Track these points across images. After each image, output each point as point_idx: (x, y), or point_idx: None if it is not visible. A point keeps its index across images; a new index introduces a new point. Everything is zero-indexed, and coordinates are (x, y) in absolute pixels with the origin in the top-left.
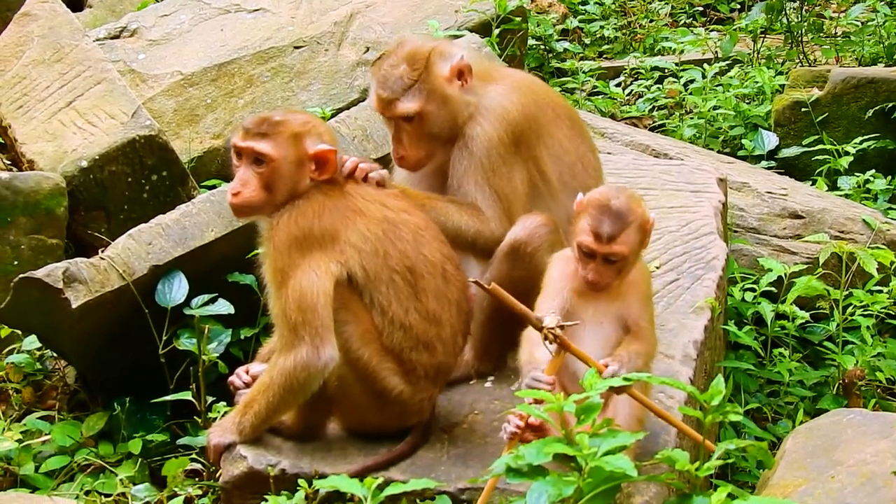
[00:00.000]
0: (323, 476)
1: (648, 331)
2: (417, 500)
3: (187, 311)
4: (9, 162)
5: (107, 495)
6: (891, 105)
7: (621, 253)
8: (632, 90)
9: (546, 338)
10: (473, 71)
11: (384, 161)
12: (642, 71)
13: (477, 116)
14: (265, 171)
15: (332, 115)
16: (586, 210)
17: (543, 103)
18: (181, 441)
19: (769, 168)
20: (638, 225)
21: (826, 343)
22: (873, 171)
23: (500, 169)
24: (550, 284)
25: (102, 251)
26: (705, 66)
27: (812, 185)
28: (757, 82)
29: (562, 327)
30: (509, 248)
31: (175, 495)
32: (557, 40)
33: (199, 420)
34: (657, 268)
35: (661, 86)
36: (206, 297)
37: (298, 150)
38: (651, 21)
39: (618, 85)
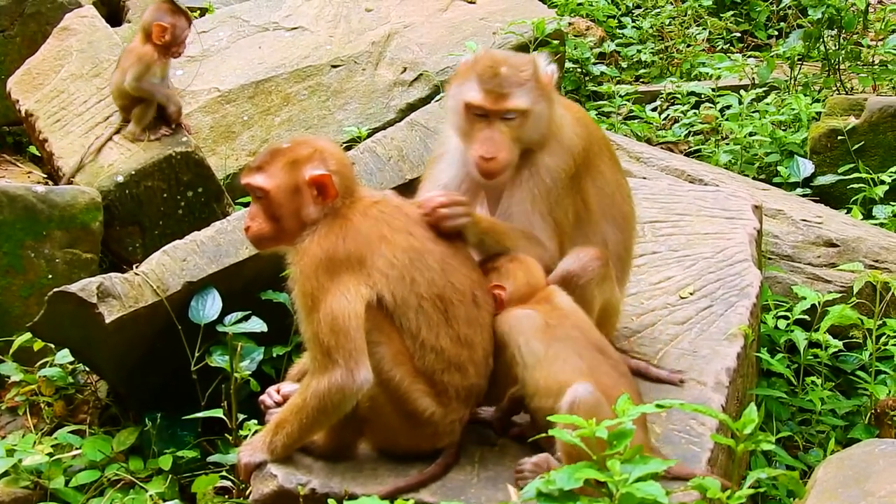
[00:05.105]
0: (353, 496)
1: None
2: None
3: (220, 328)
4: (45, 176)
5: None
6: None
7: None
8: (668, 115)
9: None
10: None
11: (418, 183)
12: (678, 96)
13: (552, 143)
14: (264, 202)
15: (369, 135)
16: None
17: (592, 137)
18: (212, 458)
19: (804, 195)
20: None
21: (859, 372)
22: None
23: (562, 201)
24: None
25: (137, 266)
26: (742, 92)
27: (847, 213)
28: (793, 109)
29: None
30: (561, 279)
31: None
32: (594, 63)
33: (230, 437)
34: (690, 294)
35: (697, 111)
36: (239, 314)
37: (294, 177)
38: (688, 46)
39: (654, 109)
